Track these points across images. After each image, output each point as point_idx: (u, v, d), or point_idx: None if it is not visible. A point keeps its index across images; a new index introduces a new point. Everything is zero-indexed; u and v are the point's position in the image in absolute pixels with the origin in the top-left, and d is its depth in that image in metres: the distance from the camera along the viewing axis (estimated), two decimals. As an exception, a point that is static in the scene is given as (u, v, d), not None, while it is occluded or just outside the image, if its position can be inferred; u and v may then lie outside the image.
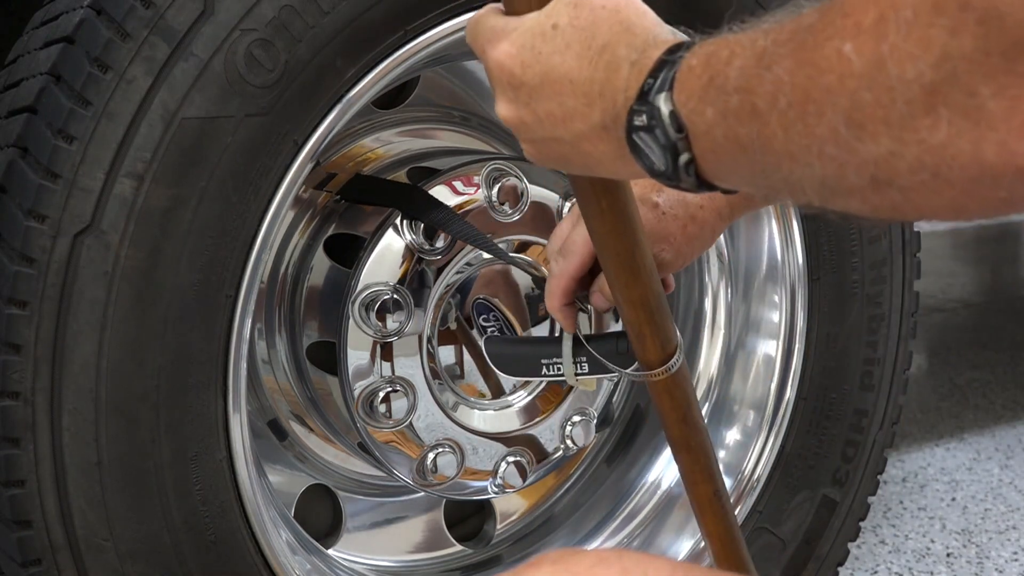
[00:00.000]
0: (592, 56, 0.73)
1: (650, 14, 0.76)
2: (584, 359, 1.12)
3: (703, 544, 1.18)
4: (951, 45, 0.50)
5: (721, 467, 1.52)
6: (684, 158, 0.67)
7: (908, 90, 0.52)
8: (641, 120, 0.69)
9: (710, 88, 0.65)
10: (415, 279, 1.28)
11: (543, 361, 1.15)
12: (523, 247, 1.35)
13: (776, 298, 1.52)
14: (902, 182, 0.55)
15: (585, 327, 1.13)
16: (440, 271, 1.30)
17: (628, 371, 1.04)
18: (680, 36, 0.73)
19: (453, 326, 1.33)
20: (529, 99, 0.77)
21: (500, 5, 0.82)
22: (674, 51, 0.70)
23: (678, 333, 1.00)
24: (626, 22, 0.74)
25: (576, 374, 1.12)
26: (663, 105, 0.67)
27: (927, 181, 0.54)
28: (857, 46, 0.54)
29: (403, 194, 1.29)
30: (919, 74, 0.52)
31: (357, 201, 1.34)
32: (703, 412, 1.58)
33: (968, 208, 0.55)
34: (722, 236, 1.54)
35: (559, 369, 1.13)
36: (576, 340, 1.10)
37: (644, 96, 0.69)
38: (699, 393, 1.58)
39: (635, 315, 0.95)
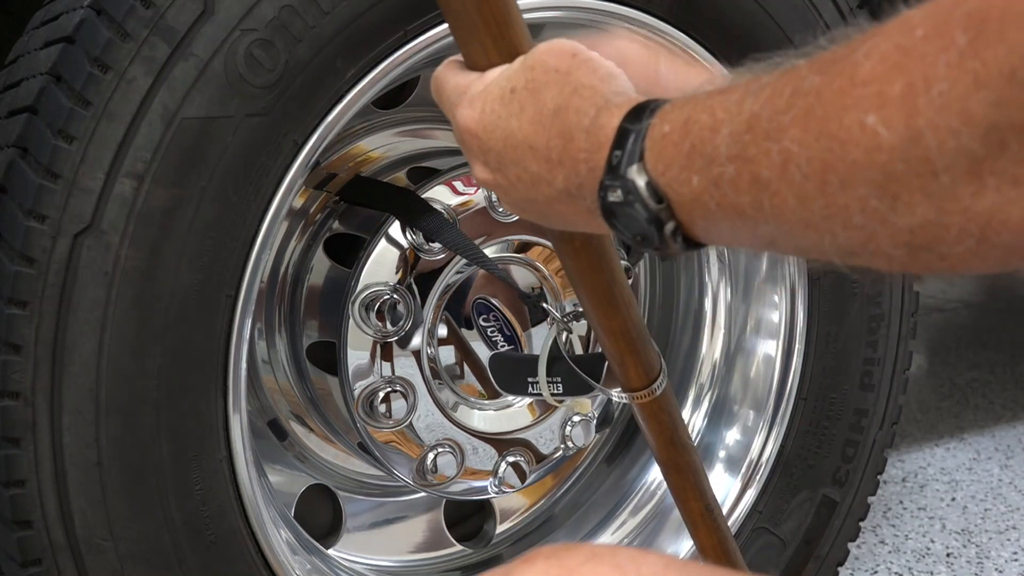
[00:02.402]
0: (546, 122, 0.72)
1: (601, 70, 0.73)
2: (559, 379, 1.12)
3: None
4: (997, 117, 0.48)
5: (721, 467, 1.54)
6: (670, 227, 0.65)
7: (951, 161, 0.49)
8: (616, 196, 0.66)
9: (694, 156, 0.61)
10: (415, 279, 1.28)
11: (528, 379, 1.16)
12: (523, 247, 1.35)
13: (776, 298, 1.52)
14: (943, 249, 0.52)
15: (565, 348, 1.13)
16: (440, 271, 1.30)
17: (612, 393, 1.03)
18: (634, 96, 0.71)
19: (453, 326, 1.33)
20: (498, 164, 0.75)
21: (460, 57, 0.81)
22: (635, 117, 0.67)
23: (661, 359, 0.99)
24: (575, 83, 0.72)
25: (552, 394, 1.12)
26: (637, 178, 0.64)
27: (971, 247, 0.51)
28: (884, 118, 0.51)
29: (398, 199, 1.29)
30: (961, 146, 0.49)
31: (355, 203, 1.34)
32: (703, 412, 1.58)
33: (1011, 263, 0.52)
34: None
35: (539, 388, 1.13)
36: (552, 359, 1.10)
37: (614, 170, 0.66)
38: (698, 393, 1.58)
39: (615, 346, 0.95)
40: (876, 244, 0.54)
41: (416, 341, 1.30)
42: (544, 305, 1.31)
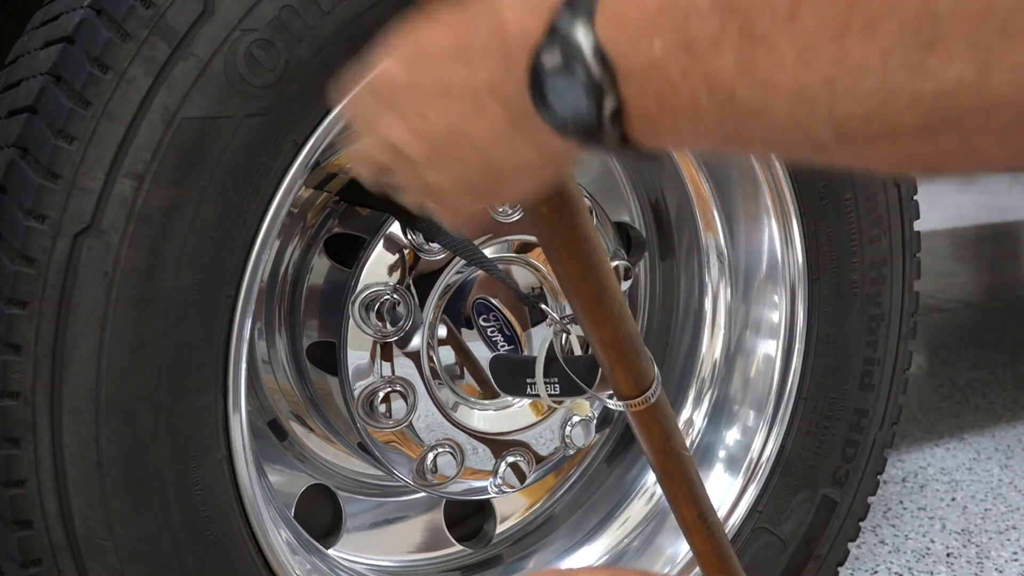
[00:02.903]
0: (465, 20, 0.62)
1: None
2: (556, 380, 1.12)
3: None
4: None
5: (721, 467, 1.54)
6: (610, 105, 0.54)
7: None
8: (553, 58, 0.55)
9: (662, 16, 0.51)
10: (415, 279, 1.28)
11: (527, 381, 1.15)
12: (523, 248, 1.35)
13: (776, 298, 1.52)
14: (972, 122, 0.43)
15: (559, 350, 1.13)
16: (440, 271, 1.30)
17: (603, 397, 1.02)
18: None
19: (453, 326, 1.33)
20: (407, 98, 0.66)
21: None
22: None
23: (655, 368, 0.98)
24: None
25: (549, 395, 1.11)
26: (583, 37, 0.54)
27: (1012, 120, 0.42)
28: None
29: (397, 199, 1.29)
30: None
31: (355, 203, 1.34)
32: (703, 412, 1.58)
33: None
34: (722, 236, 1.55)
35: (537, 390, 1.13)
36: (549, 361, 1.09)
37: (554, 31, 0.55)
38: (699, 392, 1.58)
39: (605, 355, 0.94)
40: (885, 119, 0.45)
41: (416, 341, 1.30)
42: (542, 307, 1.30)
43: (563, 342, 1.14)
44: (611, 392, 1.00)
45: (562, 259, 0.87)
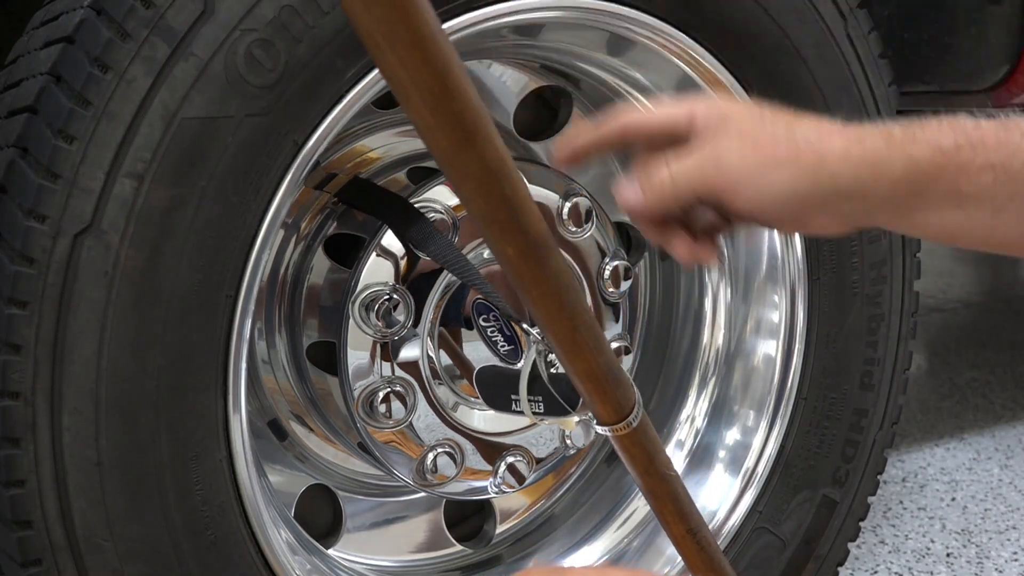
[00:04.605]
0: None
1: None
2: (540, 398, 1.11)
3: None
4: None
5: (721, 467, 1.53)
6: None
7: None
8: None
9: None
10: (415, 279, 1.28)
11: (512, 396, 1.14)
12: (523, 247, 1.35)
13: (776, 298, 1.52)
14: None
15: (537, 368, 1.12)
16: (440, 271, 1.30)
17: (584, 418, 1.01)
18: None
19: (453, 327, 1.33)
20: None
21: None
22: None
23: (636, 392, 0.97)
24: None
25: (534, 413, 1.11)
26: None
27: None
28: None
29: (390, 205, 1.29)
30: None
31: (352, 205, 1.33)
32: (703, 412, 1.58)
33: None
34: (722, 236, 1.54)
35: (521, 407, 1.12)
36: (532, 379, 1.08)
37: None
38: (698, 392, 1.58)
39: (583, 386, 0.93)
40: None
41: (416, 341, 1.30)
42: (524, 325, 1.28)
43: (546, 360, 1.11)
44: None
45: (532, 299, 0.85)
